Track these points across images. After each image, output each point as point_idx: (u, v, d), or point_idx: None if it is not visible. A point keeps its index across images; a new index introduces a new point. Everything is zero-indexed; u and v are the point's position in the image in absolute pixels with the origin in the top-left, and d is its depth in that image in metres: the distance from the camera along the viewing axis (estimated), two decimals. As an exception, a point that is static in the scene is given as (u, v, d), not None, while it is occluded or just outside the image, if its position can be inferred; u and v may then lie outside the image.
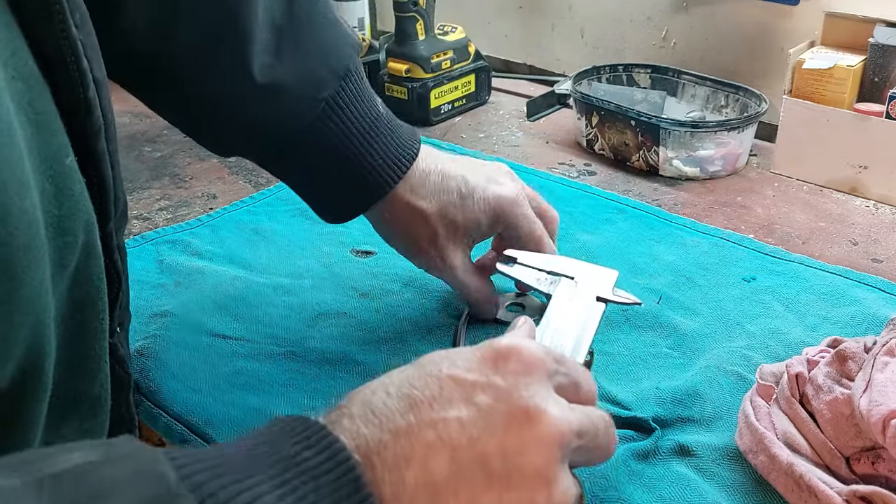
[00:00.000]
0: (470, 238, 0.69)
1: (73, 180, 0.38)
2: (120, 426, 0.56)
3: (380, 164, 0.64)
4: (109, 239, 0.46)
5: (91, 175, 0.42)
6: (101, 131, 0.42)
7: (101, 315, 0.42)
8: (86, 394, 0.43)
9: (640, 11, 1.24)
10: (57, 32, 0.38)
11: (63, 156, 0.38)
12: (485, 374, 0.39)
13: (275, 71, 0.60)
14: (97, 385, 0.43)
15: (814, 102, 0.97)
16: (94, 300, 0.42)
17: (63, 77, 0.39)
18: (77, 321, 0.41)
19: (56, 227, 0.37)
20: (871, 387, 0.53)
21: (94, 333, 0.42)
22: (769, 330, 0.71)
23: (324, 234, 0.88)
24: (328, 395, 0.65)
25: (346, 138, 0.63)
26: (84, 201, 0.40)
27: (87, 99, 0.40)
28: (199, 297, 0.76)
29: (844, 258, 0.84)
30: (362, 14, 1.35)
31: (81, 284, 0.40)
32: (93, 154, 0.42)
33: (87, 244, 0.40)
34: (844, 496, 0.50)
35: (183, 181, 1.03)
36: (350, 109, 0.63)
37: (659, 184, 1.00)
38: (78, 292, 0.40)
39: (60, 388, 0.40)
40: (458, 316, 0.74)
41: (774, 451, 0.54)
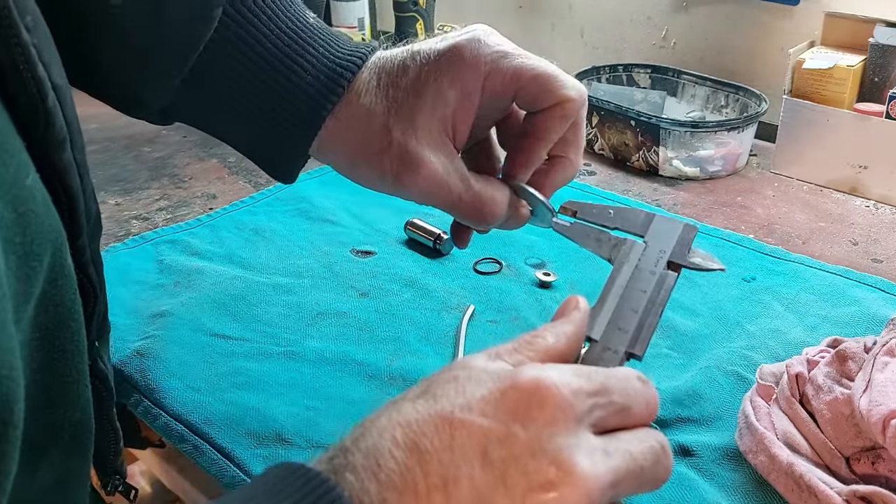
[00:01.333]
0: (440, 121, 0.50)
1: (35, 200, 0.34)
2: (105, 444, 0.54)
3: (311, 83, 0.51)
4: (82, 253, 0.42)
5: (57, 189, 0.39)
6: (66, 142, 0.38)
7: (77, 336, 0.39)
8: (67, 421, 0.39)
9: (640, 11, 1.24)
10: (7, 39, 0.34)
11: (23, 176, 0.34)
12: (503, 421, 0.33)
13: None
14: (78, 410, 0.40)
15: (814, 102, 0.97)
16: (67, 321, 0.38)
17: (18, 87, 0.35)
18: (49, 346, 0.37)
19: (19, 255, 0.33)
20: (871, 387, 0.53)
21: (70, 356, 0.39)
22: (769, 330, 0.71)
23: (324, 234, 0.88)
24: (327, 395, 0.65)
25: (261, 58, 0.51)
26: (50, 219, 0.36)
27: (47, 109, 0.36)
28: (199, 297, 0.76)
29: (844, 258, 0.84)
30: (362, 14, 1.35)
31: (51, 308, 0.37)
32: (57, 167, 0.38)
33: (55, 265, 0.36)
34: (844, 496, 0.50)
35: (182, 181, 1.03)
36: (265, 19, 0.51)
37: (659, 184, 1.00)
38: (47, 317, 0.37)
39: (38, 419, 0.37)
40: (459, 316, 0.74)
41: (774, 451, 0.54)
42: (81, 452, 0.42)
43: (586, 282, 0.79)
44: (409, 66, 0.50)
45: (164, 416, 0.64)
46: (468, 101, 0.49)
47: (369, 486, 0.32)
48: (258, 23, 0.51)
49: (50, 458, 0.39)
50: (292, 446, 0.60)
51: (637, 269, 0.46)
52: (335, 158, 0.53)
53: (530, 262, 0.82)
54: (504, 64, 0.49)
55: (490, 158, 0.56)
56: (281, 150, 0.54)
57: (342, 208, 0.93)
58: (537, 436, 0.33)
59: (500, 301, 0.76)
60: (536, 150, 0.51)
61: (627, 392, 0.37)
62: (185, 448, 0.61)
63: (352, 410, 0.63)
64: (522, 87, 0.49)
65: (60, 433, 0.39)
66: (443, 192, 0.50)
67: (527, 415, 0.33)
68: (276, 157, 0.55)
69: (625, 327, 0.43)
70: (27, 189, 0.34)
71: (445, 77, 0.49)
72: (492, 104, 0.51)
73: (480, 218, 0.52)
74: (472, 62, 0.49)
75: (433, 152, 0.49)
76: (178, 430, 0.62)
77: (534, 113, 0.51)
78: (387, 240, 0.87)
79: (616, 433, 0.36)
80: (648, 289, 0.45)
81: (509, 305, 0.75)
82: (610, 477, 0.33)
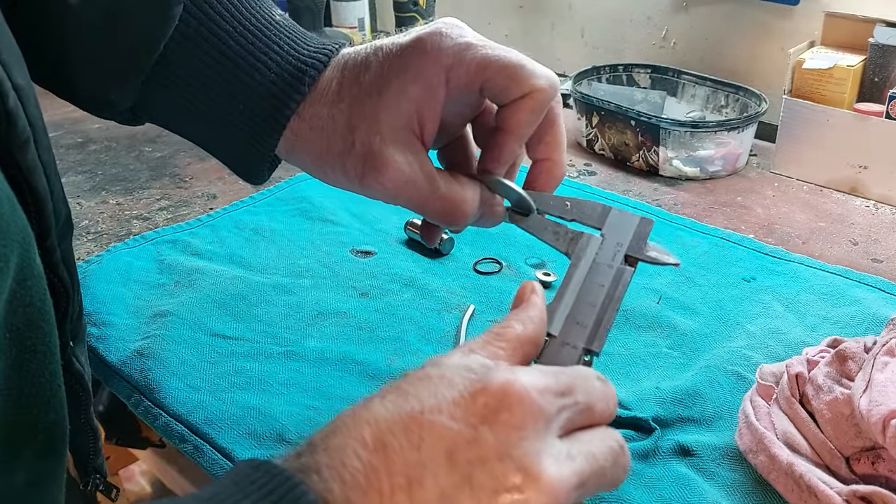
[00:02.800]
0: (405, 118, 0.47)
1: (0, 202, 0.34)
2: (83, 443, 0.54)
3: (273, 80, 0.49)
4: (51, 253, 0.42)
5: (23, 190, 0.38)
6: (30, 142, 0.38)
7: (48, 337, 0.38)
8: (40, 422, 0.39)
9: (640, 11, 1.24)
10: None
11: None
12: (472, 424, 0.33)
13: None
14: (51, 411, 0.39)
15: (814, 102, 0.97)
16: (38, 322, 0.37)
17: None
18: (20, 347, 0.37)
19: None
20: (871, 387, 0.53)
21: (42, 357, 0.38)
22: (769, 330, 0.71)
23: (324, 234, 0.88)
24: (327, 394, 0.65)
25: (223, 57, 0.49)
26: (16, 219, 0.35)
27: (8, 109, 0.36)
28: (199, 297, 0.76)
29: (844, 258, 0.84)
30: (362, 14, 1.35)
31: (20, 309, 0.36)
32: (22, 167, 0.38)
33: (23, 265, 0.35)
34: (844, 496, 0.50)
35: (183, 181, 1.03)
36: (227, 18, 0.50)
37: (659, 184, 1.00)
38: (16, 318, 0.36)
39: (10, 420, 0.37)
40: (459, 316, 0.74)
41: (774, 451, 0.54)
42: (56, 453, 0.41)
43: (586, 282, 0.79)
44: (372, 62, 0.48)
45: (165, 416, 0.64)
46: (433, 97, 0.47)
47: (333, 486, 0.32)
48: (220, 20, 0.49)
49: (24, 459, 0.38)
50: (292, 446, 0.59)
51: (594, 263, 0.46)
52: (303, 160, 0.52)
53: (530, 262, 0.82)
54: (468, 55, 0.46)
55: (467, 157, 0.54)
56: (247, 151, 0.52)
57: (342, 208, 0.93)
58: (506, 440, 0.33)
59: (500, 301, 0.76)
60: (509, 145, 0.49)
61: (589, 391, 0.37)
62: (185, 448, 0.61)
63: (352, 410, 0.63)
64: (489, 78, 0.46)
65: (34, 434, 0.39)
66: (409, 193, 0.48)
67: (495, 418, 0.33)
68: (242, 158, 0.53)
69: (583, 322, 0.43)
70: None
71: (408, 72, 0.47)
72: (460, 99, 0.48)
73: (449, 218, 0.50)
74: (433, 55, 0.46)
75: (398, 151, 0.47)
76: (178, 430, 0.62)
77: (504, 106, 0.48)
78: (387, 240, 0.87)
79: (577, 434, 0.36)
80: (606, 283, 0.45)
81: (509, 305, 0.75)
82: (574, 480, 0.34)
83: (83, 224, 0.93)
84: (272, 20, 0.51)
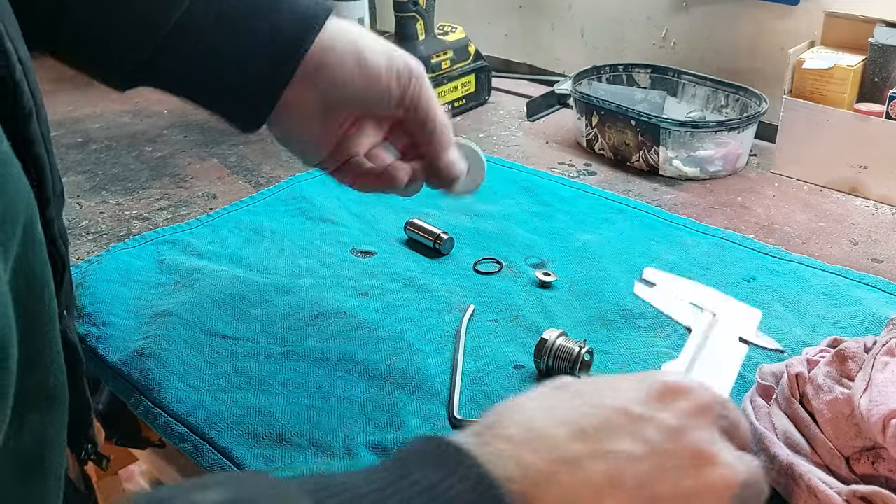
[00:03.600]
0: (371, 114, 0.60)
1: (10, 165, 0.36)
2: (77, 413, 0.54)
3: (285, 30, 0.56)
4: (50, 224, 0.44)
5: (26, 160, 0.40)
6: (33, 113, 0.40)
7: (49, 304, 0.40)
8: (43, 385, 0.41)
9: (640, 11, 1.24)
10: None
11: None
12: (653, 409, 0.37)
13: None
14: (52, 375, 0.41)
15: (814, 102, 0.97)
16: (40, 290, 0.39)
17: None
18: (23, 312, 0.38)
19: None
20: (871, 387, 0.53)
21: (42, 323, 0.40)
22: (769, 330, 0.71)
23: (324, 234, 0.88)
24: (327, 395, 0.65)
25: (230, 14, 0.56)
26: (23, 186, 0.37)
27: (15, 81, 0.38)
28: (199, 297, 0.76)
29: (844, 258, 0.84)
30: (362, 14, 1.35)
31: (24, 274, 0.38)
32: (25, 138, 0.40)
33: (27, 233, 0.37)
34: (844, 496, 0.50)
35: (183, 181, 1.03)
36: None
37: (659, 184, 1.00)
38: (19, 283, 0.37)
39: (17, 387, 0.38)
40: (459, 316, 0.74)
41: (774, 451, 0.54)
42: (58, 419, 0.43)
43: (586, 281, 0.79)
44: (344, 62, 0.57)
45: (165, 416, 0.64)
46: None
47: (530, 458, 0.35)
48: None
49: (30, 425, 0.40)
50: (293, 446, 0.60)
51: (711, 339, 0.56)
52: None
53: (530, 262, 0.82)
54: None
55: None
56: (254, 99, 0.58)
57: (342, 208, 0.93)
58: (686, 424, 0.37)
59: (500, 301, 0.76)
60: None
61: (735, 413, 0.41)
62: (185, 448, 0.61)
63: (352, 410, 0.63)
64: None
65: (38, 399, 0.40)
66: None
67: (674, 405, 0.38)
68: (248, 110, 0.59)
69: None
70: (3, 153, 0.35)
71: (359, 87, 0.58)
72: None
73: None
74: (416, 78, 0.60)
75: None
76: (178, 430, 0.62)
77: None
78: (387, 240, 0.87)
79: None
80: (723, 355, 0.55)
81: (509, 305, 0.75)
82: (743, 476, 0.37)
83: (83, 224, 0.93)
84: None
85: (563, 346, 0.65)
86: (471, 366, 0.68)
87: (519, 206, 0.93)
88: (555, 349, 0.65)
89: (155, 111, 1.24)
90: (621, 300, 0.76)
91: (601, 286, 0.78)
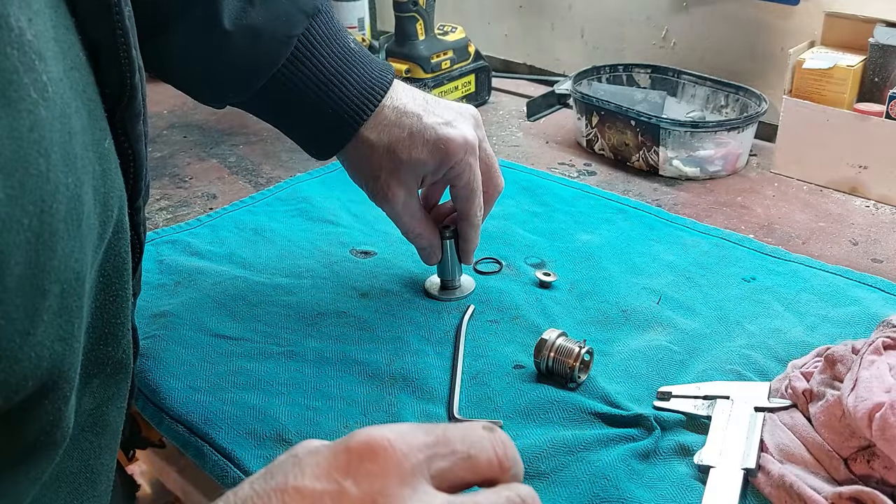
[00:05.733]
0: (415, 175, 0.69)
1: (110, 161, 0.41)
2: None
3: (354, 96, 0.67)
4: (137, 213, 0.49)
5: (128, 155, 0.45)
6: (141, 114, 0.45)
7: (127, 285, 0.45)
8: (111, 357, 0.45)
9: (640, 11, 1.24)
10: (113, 25, 0.41)
11: (103, 139, 0.40)
12: (335, 480, 0.33)
13: (248, 15, 0.64)
14: (121, 349, 0.46)
15: (814, 102, 0.97)
16: (123, 270, 0.44)
17: (112, 65, 0.41)
18: (107, 291, 0.43)
19: (102, 203, 0.39)
20: (857, 385, 0.53)
21: (121, 302, 0.44)
22: (769, 330, 0.71)
23: (324, 234, 0.88)
24: (327, 395, 0.65)
25: (320, 74, 0.67)
26: (119, 180, 0.42)
27: (133, 85, 0.43)
28: (199, 297, 0.76)
29: (844, 258, 0.84)
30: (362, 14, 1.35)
31: (112, 257, 0.42)
32: (131, 136, 0.44)
33: (119, 219, 0.42)
34: (830, 499, 0.51)
35: (183, 181, 1.03)
36: (322, 46, 0.67)
37: (659, 184, 1.00)
38: (110, 264, 0.42)
39: (90, 352, 0.43)
40: (459, 316, 0.74)
41: (768, 467, 0.54)
42: (118, 384, 0.47)
43: (586, 282, 0.79)
44: (415, 135, 0.68)
45: (165, 416, 0.64)
46: (435, 174, 0.70)
47: None
48: (320, 47, 0.67)
49: (92, 387, 0.45)
50: (293, 446, 0.60)
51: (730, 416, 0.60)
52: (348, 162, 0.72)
53: (530, 262, 0.82)
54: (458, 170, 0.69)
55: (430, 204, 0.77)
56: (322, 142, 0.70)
57: (342, 208, 0.93)
58: (369, 489, 0.32)
59: (500, 301, 0.76)
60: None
61: (471, 440, 0.36)
62: (187, 449, 0.61)
63: (352, 410, 0.63)
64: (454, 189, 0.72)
65: (104, 367, 0.45)
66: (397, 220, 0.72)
67: (358, 470, 0.33)
68: (317, 145, 0.71)
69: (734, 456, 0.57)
70: (106, 150, 0.40)
71: (430, 156, 0.68)
72: None
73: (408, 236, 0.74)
74: (452, 155, 0.68)
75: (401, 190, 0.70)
76: (178, 430, 0.62)
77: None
78: (387, 240, 0.87)
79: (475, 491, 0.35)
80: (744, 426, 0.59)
81: (509, 305, 0.75)
82: None
83: (83, 224, 0.93)
84: (350, 48, 0.69)
85: (563, 346, 0.65)
86: (471, 366, 0.68)
87: (519, 207, 0.93)
88: (555, 349, 0.65)
89: (154, 111, 1.24)
90: (621, 300, 0.76)
91: (601, 286, 0.78)
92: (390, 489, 0.32)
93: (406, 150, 0.68)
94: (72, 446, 0.44)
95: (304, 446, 0.35)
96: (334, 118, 0.68)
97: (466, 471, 0.35)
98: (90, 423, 0.46)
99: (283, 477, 0.34)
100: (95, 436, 0.47)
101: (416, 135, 0.68)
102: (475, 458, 0.35)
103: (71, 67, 0.37)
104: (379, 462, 0.33)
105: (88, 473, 0.46)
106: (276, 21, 0.65)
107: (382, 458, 0.33)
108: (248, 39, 0.64)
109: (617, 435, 0.60)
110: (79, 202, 0.35)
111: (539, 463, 0.57)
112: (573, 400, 0.63)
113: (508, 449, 0.36)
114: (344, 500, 0.32)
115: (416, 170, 0.69)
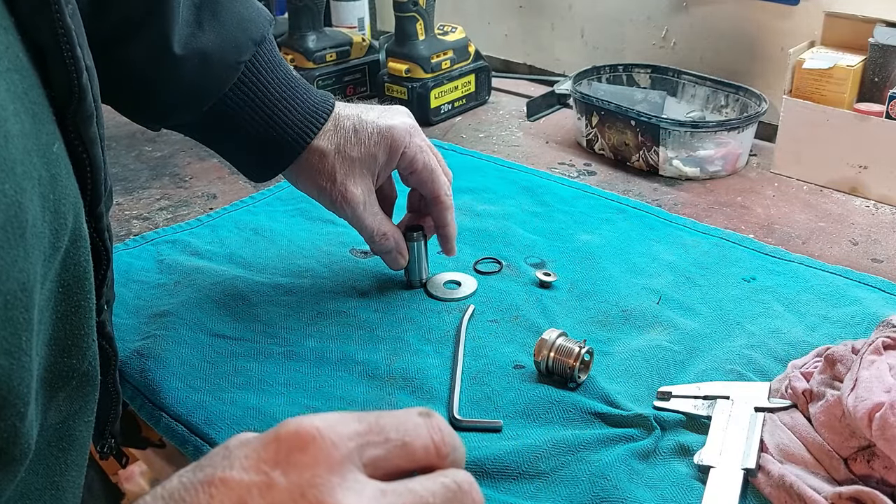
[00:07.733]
0: (370, 172, 0.72)
1: (60, 166, 0.39)
2: (107, 401, 0.58)
3: (298, 120, 0.70)
4: (99, 220, 0.47)
5: (83, 159, 0.43)
6: (94, 116, 0.43)
7: (89, 295, 0.43)
8: (76, 370, 0.44)
9: (640, 11, 1.24)
10: (53, 23, 0.39)
11: (51, 143, 0.39)
12: (263, 471, 0.32)
13: (197, 40, 0.66)
14: (86, 362, 0.44)
15: (814, 102, 0.97)
16: (83, 281, 0.42)
17: (57, 66, 0.40)
18: (68, 301, 0.41)
19: (52, 211, 0.38)
20: (857, 384, 0.53)
21: (84, 313, 0.43)
22: (769, 330, 0.71)
23: (324, 234, 0.88)
24: (327, 395, 0.65)
25: (266, 98, 0.69)
26: (71, 186, 0.40)
27: (81, 86, 0.41)
28: (199, 297, 0.76)
29: (844, 258, 0.84)
30: (362, 14, 1.35)
31: (71, 267, 0.41)
32: (84, 139, 0.43)
33: (76, 227, 0.41)
34: (830, 499, 0.50)
35: (183, 181, 1.03)
36: (267, 72, 0.70)
37: (659, 184, 1.00)
38: (67, 274, 0.41)
39: (53, 365, 0.41)
40: (459, 316, 0.74)
41: (768, 467, 0.54)
42: (85, 397, 0.46)
43: (586, 281, 0.79)
44: (359, 131, 0.71)
45: (165, 416, 0.64)
46: (387, 167, 0.73)
47: None
48: (266, 73, 0.70)
49: (57, 401, 0.43)
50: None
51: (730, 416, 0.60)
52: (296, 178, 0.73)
53: (530, 262, 0.82)
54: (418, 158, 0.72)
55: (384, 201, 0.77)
56: (263, 165, 0.72)
57: (342, 208, 0.93)
58: (298, 480, 0.32)
59: (500, 301, 0.76)
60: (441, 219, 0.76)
61: (405, 428, 0.35)
62: (185, 449, 0.61)
63: (352, 410, 0.63)
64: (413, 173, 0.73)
65: (69, 380, 0.43)
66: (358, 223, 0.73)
67: (287, 461, 0.32)
68: (257, 168, 0.73)
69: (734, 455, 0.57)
70: (55, 154, 0.39)
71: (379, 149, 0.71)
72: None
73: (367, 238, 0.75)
74: (399, 141, 0.71)
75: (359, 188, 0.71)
76: (178, 430, 0.62)
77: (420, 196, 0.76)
78: (387, 240, 0.87)
79: (411, 478, 0.34)
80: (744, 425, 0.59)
81: (510, 305, 0.75)
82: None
83: (83, 224, 0.93)
84: (293, 75, 0.72)
85: (563, 345, 0.65)
86: (471, 366, 0.68)
87: (519, 206, 0.93)
88: (555, 349, 0.65)
89: (155, 111, 1.24)
90: (621, 300, 0.76)
91: (601, 286, 0.78)
92: (319, 479, 0.32)
93: (355, 147, 0.70)
94: (36, 462, 0.42)
95: (237, 438, 0.35)
96: (278, 141, 0.70)
97: (401, 458, 0.34)
98: (56, 438, 0.45)
99: (212, 469, 0.33)
100: (62, 451, 0.45)
101: (360, 131, 0.70)
102: (410, 445, 0.35)
103: (8, 69, 0.36)
104: (308, 452, 0.32)
105: (54, 490, 0.45)
106: (225, 46, 0.67)
107: (311, 448, 0.32)
108: (198, 63, 0.66)
109: (617, 435, 0.60)
110: (19, 209, 0.34)
111: (539, 463, 0.57)
112: (573, 400, 0.63)
113: (446, 435, 0.35)
114: (272, 492, 0.31)
115: (370, 166, 0.71)
